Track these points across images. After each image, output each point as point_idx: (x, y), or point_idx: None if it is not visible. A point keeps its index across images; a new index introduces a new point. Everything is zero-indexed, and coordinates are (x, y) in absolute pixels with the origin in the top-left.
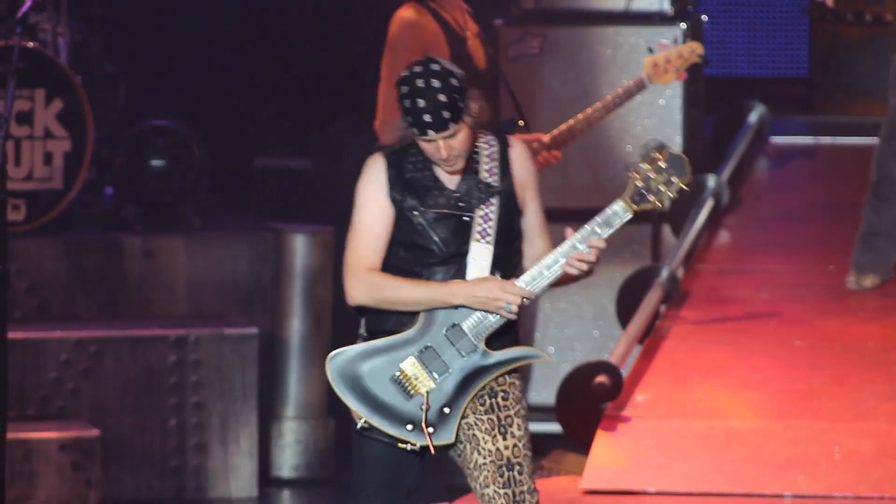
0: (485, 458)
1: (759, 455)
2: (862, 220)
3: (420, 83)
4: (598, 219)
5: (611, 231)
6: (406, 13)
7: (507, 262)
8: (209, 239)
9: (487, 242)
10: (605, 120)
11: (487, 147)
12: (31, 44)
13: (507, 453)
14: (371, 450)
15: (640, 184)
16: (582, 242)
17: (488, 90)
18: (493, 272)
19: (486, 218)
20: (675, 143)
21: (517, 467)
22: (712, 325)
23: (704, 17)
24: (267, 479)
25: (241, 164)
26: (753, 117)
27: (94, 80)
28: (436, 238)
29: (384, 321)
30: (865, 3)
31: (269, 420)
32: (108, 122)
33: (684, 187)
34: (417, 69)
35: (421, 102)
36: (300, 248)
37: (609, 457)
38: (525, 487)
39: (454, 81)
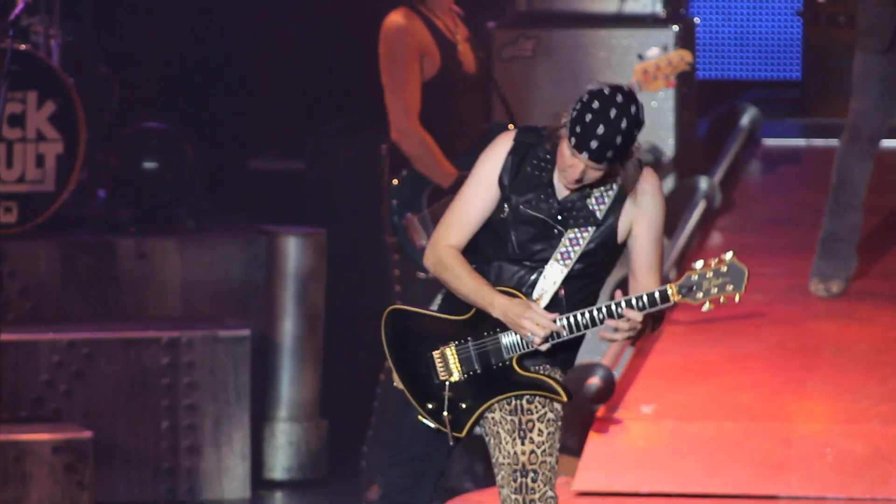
0: (504, 458)
1: (753, 456)
2: (822, 225)
3: (612, 112)
4: (645, 295)
5: (649, 311)
6: (397, 19)
7: (582, 281)
8: (202, 241)
9: (565, 265)
10: None
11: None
12: (23, 46)
13: (523, 459)
14: (410, 420)
15: (694, 278)
16: (623, 308)
17: (478, 94)
18: (557, 294)
19: (574, 241)
20: (668, 145)
21: (531, 474)
22: (705, 327)
23: (697, 20)
24: (259, 481)
25: (234, 166)
26: (746, 120)
27: (86, 82)
28: (513, 238)
29: (456, 300)
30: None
31: (261, 422)
32: (101, 124)
33: (735, 299)
34: (619, 98)
35: (600, 129)
36: (293, 250)
37: (601, 458)
38: (537, 495)
39: (636, 131)
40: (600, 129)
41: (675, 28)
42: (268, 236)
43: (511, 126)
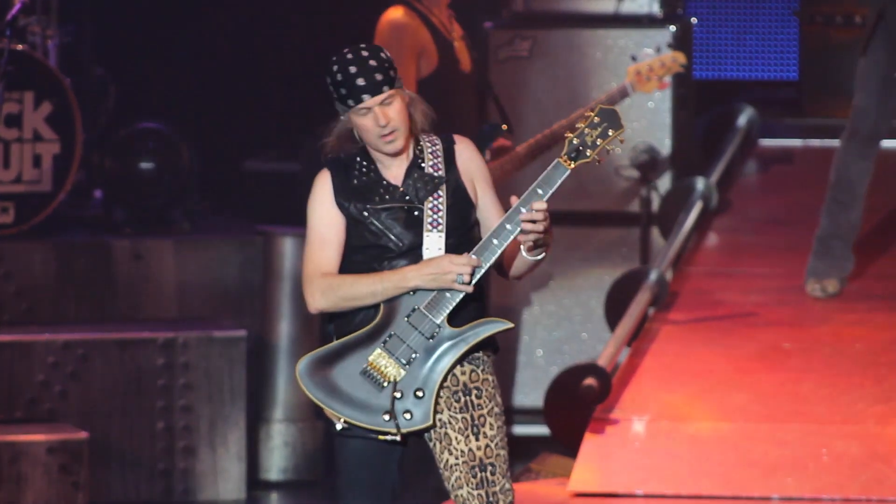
0: (457, 458)
1: (748, 457)
2: (819, 223)
3: (349, 56)
4: (537, 181)
5: (551, 191)
6: (395, 15)
7: (461, 250)
8: (198, 242)
9: (439, 231)
10: None
11: (431, 145)
12: (20, 46)
13: (479, 454)
14: (353, 451)
15: (575, 141)
16: (525, 206)
17: (472, 93)
18: None
19: (435, 209)
20: (665, 145)
21: (489, 468)
22: (701, 328)
23: (694, 20)
24: (255, 482)
25: (230, 167)
26: (742, 120)
27: (83, 83)
28: (391, 235)
29: (350, 322)
30: (855, 5)
31: (257, 423)
32: (98, 125)
33: (620, 140)
34: (344, 50)
35: (353, 69)
36: (289, 250)
37: (597, 459)
38: (498, 488)
39: (384, 55)
40: (353, 68)
41: (672, 28)
42: (263, 237)
43: (504, 126)
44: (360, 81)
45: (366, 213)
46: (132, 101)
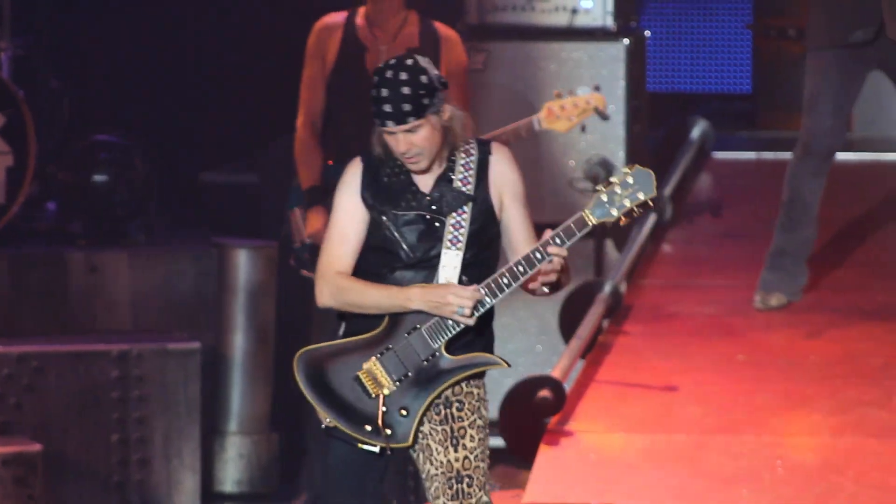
0: (436, 469)
1: (703, 469)
2: (773, 239)
3: (388, 74)
4: (559, 230)
5: (570, 242)
6: (323, 19)
7: (478, 269)
8: (153, 254)
9: (458, 249)
10: (550, 135)
11: (465, 155)
12: None
13: (457, 465)
14: (339, 454)
15: (604, 197)
16: (542, 251)
17: None
18: (461, 279)
19: (457, 225)
20: (619, 158)
21: (467, 479)
22: (655, 340)
23: (647, 33)
24: (210, 494)
25: (186, 179)
26: (696, 133)
27: (37, 95)
28: (404, 243)
29: (359, 324)
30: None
31: (211, 435)
32: (52, 137)
33: (650, 203)
34: (392, 62)
35: (384, 92)
36: (243, 263)
37: (552, 471)
38: (474, 500)
39: (424, 79)
40: (384, 92)
41: (626, 41)
42: (218, 249)
43: None
44: (387, 108)
45: (385, 218)
46: (87, 113)
